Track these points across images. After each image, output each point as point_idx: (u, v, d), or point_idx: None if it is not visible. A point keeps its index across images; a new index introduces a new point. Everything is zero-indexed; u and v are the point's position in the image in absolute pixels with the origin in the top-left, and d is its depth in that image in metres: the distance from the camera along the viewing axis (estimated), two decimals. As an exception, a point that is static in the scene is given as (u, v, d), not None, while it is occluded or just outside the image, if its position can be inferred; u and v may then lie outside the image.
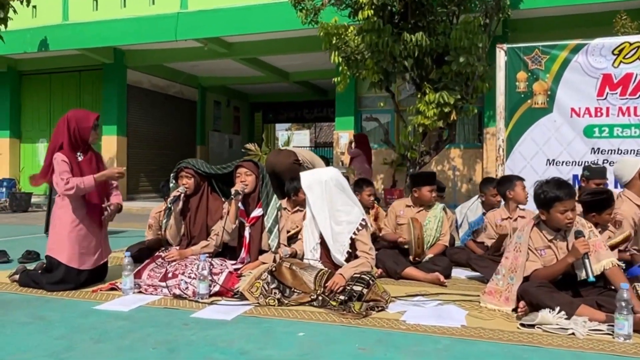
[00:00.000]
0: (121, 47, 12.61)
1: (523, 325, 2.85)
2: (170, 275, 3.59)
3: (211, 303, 3.33)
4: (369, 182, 5.16)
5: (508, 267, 3.21)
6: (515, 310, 3.11)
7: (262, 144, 10.82)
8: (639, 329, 2.69)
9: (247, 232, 3.93)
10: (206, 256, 3.57)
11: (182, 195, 4.00)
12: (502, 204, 4.49)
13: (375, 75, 7.73)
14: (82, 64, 13.15)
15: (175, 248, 4.03)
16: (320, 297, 3.27)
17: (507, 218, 4.32)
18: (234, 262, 3.85)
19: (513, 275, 3.17)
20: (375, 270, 3.71)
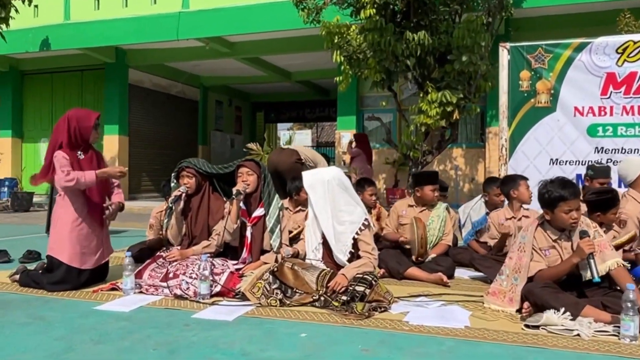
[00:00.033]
0: (123, 47, 12.62)
1: (527, 326, 2.82)
2: (171, 275, 3.57)
3: (212, 303, 3.31)
4: (370, 182, 5.13)
5: (512, 268, 3.18)
6: (519, 311, 3.08)
7: (264, 144, 10.81)
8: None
9: (249, 232, 3.90)
10: (207, 256, 3.54)
11: (184, 194, 3.97)
12: (506, 204, 4.46)
13: (377, 75, 7.70)
14: (84, 63, 13.16)
15: (177, 248, 4.00)
16: (322, 298, 3.24)
17: (511, 218, 4.29)
18: (236, 262, 3.83)
19: (517, 276, 3.14)
20: (377, 271, 3.69)
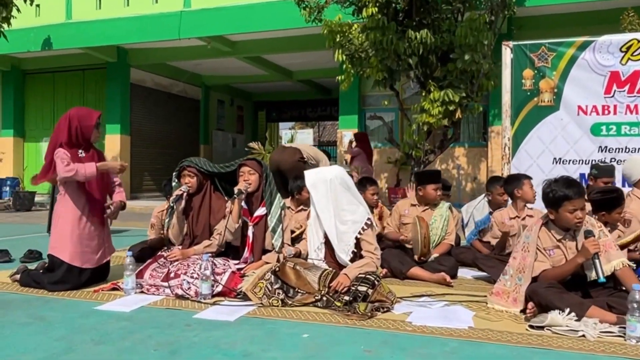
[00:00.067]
0: (124, 46, 12.60)
1: (532, 326, 2.79)
2: (172, 275, 3.55)
3: (214, 303, 3.29)
4: (372, 181, 5.10)
5: (516, 268, 3.15)
6: (523, 311, 3.04)
7: (266, 143, 10.79)
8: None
9: (251, 232, 3.88)
10: (209, 256, 3.52)
11: (185, 194, 3.95)
12: (510, 203, 4.43)
13: (379, 74, 7.68)
14: (86, 62, 13.15)
15: (178, 247, 3.98)
16: (324, 298, 3.21)
17: (515, 217, 4.25)
18: (237, 262, 3.80)
19: (521, 276, 3.11)
20: (380, 270, 3.66)
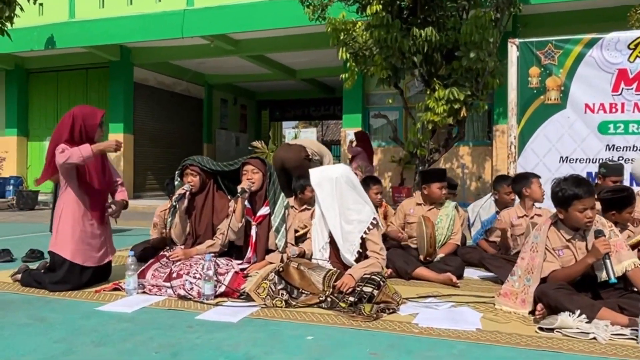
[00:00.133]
0: (127, 45, 12.59)
1: (541, 329, 2.72)
2: (174, 275, 3.50)
3: (216, 304, 3.24)
4: (376, 180, 5.04)
5: (524, 268, 3.08)
6: (532, 313, 2.98)
7: (269, 142, 10.76)
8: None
9: (254, 231, 3.83)
10: (211, 256, 3.47)
11: (187, 193, 3.90)
12: (517, 202, 4.37)
13: (383, 72, 7.62)
14: (89, 61, 13.14)
15: (180, 247, 3.94)
16: (329, 299, 3.15)
17: (523, 216, 4.19)
18: (240, 262, 3.75)
19: (530, 277, 3.05)
20: (385, 271, 3.60)
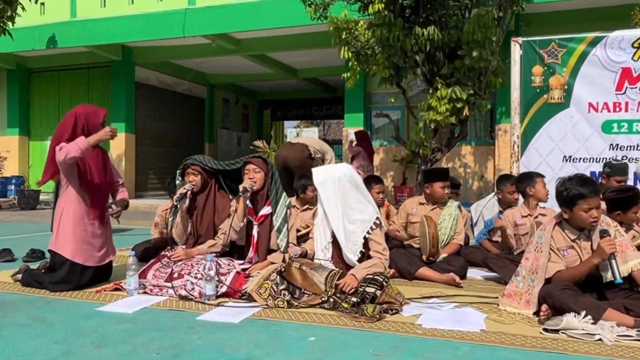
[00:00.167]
0: (129, 44, 12.56)
1: (546, 330, 2.69)
2: (175, 275, 3.47)
3: (218, 304, 3.21)
4: (378, 179, 5.01)
5: (528, 269, 3.05)
6: (536, 313, 2.95)
7: (271, 141, 10.75)
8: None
9: (255, 231, 3.80)
10: (213, 256, 3.44)
11: (189, 192, 3.88)
12: (521, 202, 4.34)
13: (385, 71, 7.58)
14: (90, 61, 13.12)
15: (182, 247, 3.91)
16: (331, 299, 3.13)
17: (527, 215, 4.16)
18: (242, 262, 3.73)
19: (534, 277, 3.02)
20: (387, 271, 3.57)
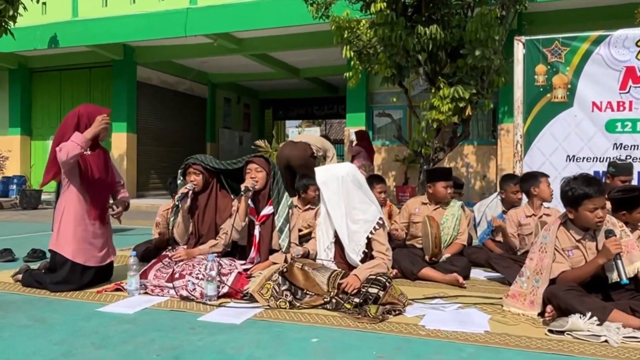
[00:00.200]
0: (131, 44, 12.55)
1: (552, 331, 2.66)
2: (177, 275, 3.45)
3: (219, 305, 3.19)
4: (380, 179, 4.99)
5: (533, 269, 3.02)
6: (540, 314, 2.92)
7: (273, 141, 10.72)
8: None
9: (257, 231, 3.78)
10: (214, 256, 3.42)
11: (190, 192, 3.85)
12: (525, 201, 4.31)
13: (387, 70, 7.55)
14: (92, 60, 13.11)
15: (183, 247, 3.89)
16: (334, 300, 3.10)
17: (532, 215, 4.13)
18: (244, 262, 3.70)
19: (538, 278, 2.99)
20: (390, 271, 3.55)
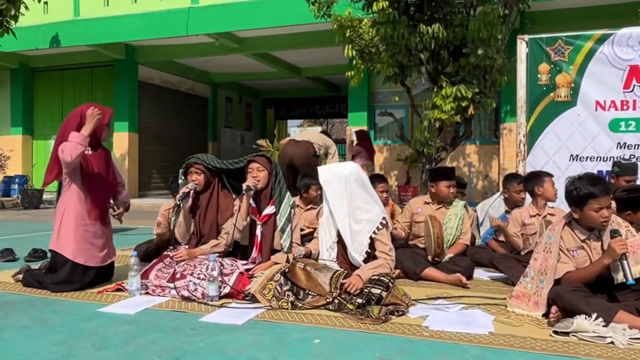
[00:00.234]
0: (132, 43, 12.53)
1: (557, 332, 2.63)
2: (178, 275, 3.43)
3: (221, 305, 3.16)
4: (382, 178, 4.96)
5: (537, 269, 2.99)
6: (545, 315, 2.89)
7: (274, 140, 10.70)
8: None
9: (259, 231, 3.76)
10: (216, 256, 3.39)
11: (192, 191, 3.83)
12: (529, 201, 4.27)
13: (390, 69, 7.51)
14: (94, 60, 13.10)
15: (184, 247, 3.87)
16: (336, 300, 3.08)
17: (536, 215, 4.10)
18: (245, 262, 3.68)
19: (543, 278, 2.96)
20: (392, 271, 3.52)
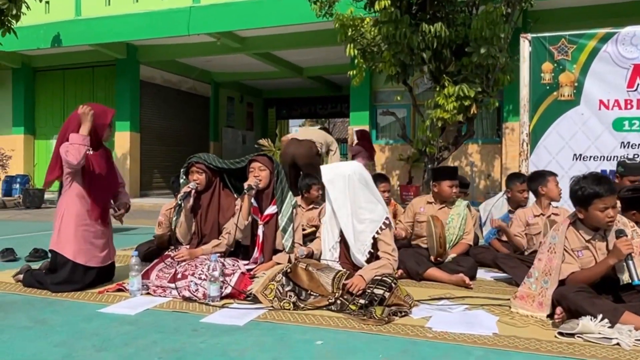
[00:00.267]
0: (134, 43, 12.53)
1: (562, 334, 2.60)
2: (179, 276, 3.40)
3: (222, 306, 3.14)
4: (384, 178, 4.93)
5: (542, 270, 2.97)
6: (549, 316, 2.87)
7: (276, 140, 10.67)
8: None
9: (261, 231, 3.73)
10: (217, 256, 3.37)
11: (193, 191, 3.81)
12: (533, 201, 4.25)
13: (392, 68, 7.48)
14: (95, 59, 13.09)
15: (186, 247, 3.85)
16: (338, 301, 3.05)
17: (540, 215, 4.07)
18: (247, 263, 3.66)
19: (547, 279, 2.93)
20: (395, 272, 3.49)
